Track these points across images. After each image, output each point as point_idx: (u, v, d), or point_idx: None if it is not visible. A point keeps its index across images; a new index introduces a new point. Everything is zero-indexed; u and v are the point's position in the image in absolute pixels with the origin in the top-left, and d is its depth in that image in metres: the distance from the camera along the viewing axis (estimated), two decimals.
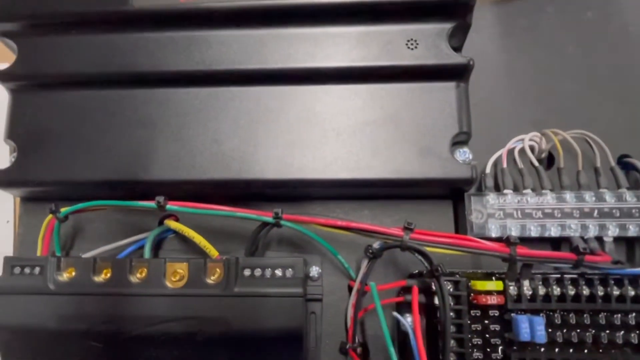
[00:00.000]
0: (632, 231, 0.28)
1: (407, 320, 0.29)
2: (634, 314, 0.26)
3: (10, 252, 0.32)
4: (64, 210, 0.28)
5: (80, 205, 0.28)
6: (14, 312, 0.26)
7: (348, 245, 0.30)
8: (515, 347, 0.27)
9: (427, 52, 0.29)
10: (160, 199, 0.27)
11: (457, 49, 0.29)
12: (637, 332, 0.26)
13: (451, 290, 0.27)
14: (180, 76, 0.29)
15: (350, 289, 0.29)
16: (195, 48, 0.29)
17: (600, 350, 0.26)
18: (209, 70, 0.29)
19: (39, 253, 0.29)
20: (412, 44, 0.29)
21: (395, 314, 0.27)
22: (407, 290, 0.29)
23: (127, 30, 0.30)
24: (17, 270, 0.27)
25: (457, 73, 0.29)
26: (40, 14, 0.30)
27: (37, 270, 0.27)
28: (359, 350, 0.28)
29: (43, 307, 0.26)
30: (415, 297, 0.26)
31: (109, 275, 0.27)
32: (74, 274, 0.27)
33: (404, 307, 0.29)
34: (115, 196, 0.28)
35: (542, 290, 0.26)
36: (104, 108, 0.30)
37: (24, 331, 0.27)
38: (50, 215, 0.28)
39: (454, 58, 0.28)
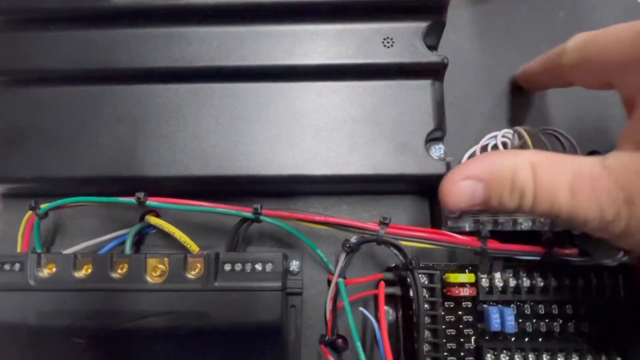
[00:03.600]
0: None
1: (387, 312, 0.30)
2: (599, 305, 0.28)
3: None
4: (43, 206, 0.28)
5: (60, 202, 0.28)
6: None
7: (327, 239, 0.30)
8: (487, 337, 0.28)
9: (403, 51, 0.29)
10: (140, 194, 0.27)
11: (433, 47, 0.30)
12: (602, 321, 0.28)
13: (425, 282, 0.28)
14: (159, 72, 0.30)
15: (329, 282, 0.30)
16: (174, 45, 0.29)
17: (568, 340, 0.28)
18: (189, 66, 0.29)
19: (19, 250, 0.29)
20: (388, 42, 0.29)
21: (361, 309, 0.28)
22: (386, 282, 0.30)
23: (107, 26, 0.30)
24: None
25: (433, 71, 0.29)
26: (17, 9, 0.30)
27: (17, 266, 0.27)
28: (339, 342, 0.29)
29: (23, 303, 0.27)
30: (382, 292, 0.27)
31: (89, 271, 0.27)
32: (54, 269, 0.27)
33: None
34: (95, 192, 0.28)
35: (512, 282, 0.28)
36: (83, 104, 0.30)
37: (4, 328, 0.27)
38: (30, 212, 0.28)
39: (429, 56, 0.29)
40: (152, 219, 0.29)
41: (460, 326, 0.28)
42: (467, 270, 0.28)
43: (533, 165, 0.23)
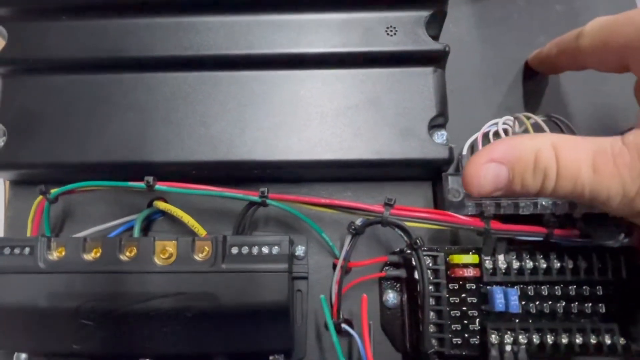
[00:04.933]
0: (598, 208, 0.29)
1: (389, 297, 0.30)
2: (600, 286, 0.28)
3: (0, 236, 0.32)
4: (53, 191, 0.28)
5: (70, 186, 0.28)
6: (4, 292, 0.27)
7: (332, 224, 0.31)
8: (491, 318, 0.28)
9: (405, 39, 0.30)
10: (150, 179, 0.27)
11: (435, 37, 0.31)
12: (604, 302, 0.28)
13: (430, 264, 0.28)
14: (168, 61, 0.30)
15: (334, 266, 0.30)
16: (183, 34, 0.30)
17: (571, 320, 0.28)
18: (197, 55, 0.30)
19: (28, 234, 0.29)
20: (391, 31, 0.30)
21: (344, 326, 0.28)
22: (390, 265, 0.30)
23: (117, 15, 0.30)
24: (7, 250, 0.27)
25: (434, 59, 0.30)
26: None
27: (27, 250, 0.27)
28: (343, 325, 0.29)
29: (33, 286, 0.27)
30: (365, 306, 0.26)
31: (98, 254, 0.27)
32: (64, 253, 0.27)
33: (386, 282, 0.31)
34: (104, 178, 0.28)
35: (516, 264, 0.28)
36: (94, 92, 0.30)
37: (14, 310, 0.27)
38: (40, 197, 0.29)
39: (431, 44, 0.30)
40: (161, 204, 0.30)
41: (465, 307, 0.28)
42: (470, 252, 0.28)
43: (554, 145, 0.23)
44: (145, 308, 0.27)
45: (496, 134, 0.31)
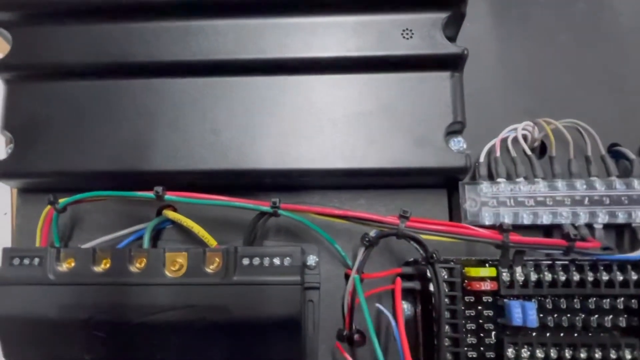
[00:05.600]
0: (621, 218, 0.28)
1: (406, 312, 0.30)
2: (622, 299, 0.27)
3: (8, 244, 0.32)
4: (62, 201, 0.28)
5: (78, 196, 0.28)
6: (14, 303, 0.27)
7: (345, 234, 0.30)
8: (508, 332, 0.27)
9: (422, 42, 0.29)
10: (159, 189, 0.27)
11: (452, 38, 0.30)
12: (625, 316, 0.27)
13: (445, 277, 0.27)
14: (177, 66, 0.29)
15: (347, 277, 0.29)
16: (191, 38, 0.29)
17: (590, 334, 0.27)
18: (206, 60, 0.29)
19: (37, 244, 0.29)
20: (407, 34, 0.29)
21: (378, 305, 0.27)
22: (403, 277, 0.29)
23: (123, 20, 0.30)
24: (16, 261, 0.27)
25: (452, 63, 0.29)
26: (34, 4, 0.30)
27: (36, 261, 0.27)
28: (356, 337, 0.29)
29: (43, 298, 0.27)
30: (399, 288, 0.26)
31: (108, 265, 0.27)
32: (73, 264, 0.27)
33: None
34: (113, 187, 0.28)
35: (534, 277, 0.27)
36: (101, 98, 0.30)
37: (24, 321, 0.27)
38: (49, 206, 0.28)
39: (448, 48, 0.29)
40: (170, 214, 0.29)
41: (481, 321, 0.27)
42: (487, 265, 0.27)
43: None
44: (156, 320, 0.26)
45: (515, 140, 0.30)
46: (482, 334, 0.27)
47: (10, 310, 0.27)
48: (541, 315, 0.27)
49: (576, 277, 0.27)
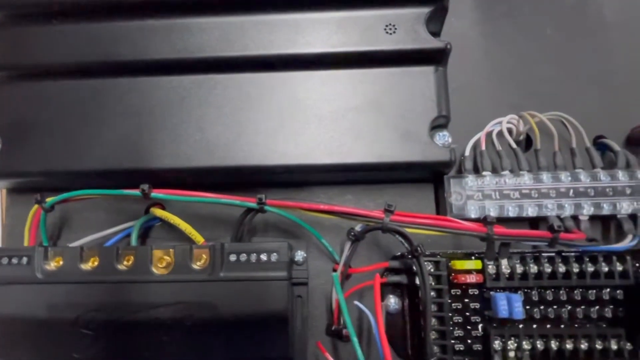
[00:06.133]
0: (606, 210, 0.29)
1: (390, 303, 0.30)
2: (607, 290, 0.27)
3: None
4: (49, 200, 0.28)
5: (65, 195, 0.28)
6: (2, 302, 0.27)
7: (332, 229, 0.30)
8: (494, 324, 0.27)
9: (405, 37, 0.29)
10: (145, 186, 0.27)
11: (436, 33, 0.30)
12: (611, 307, 0.28)
13: (432, 270, 0.27)
14: (162, 64, 0.30)
15: (335, 272, 0.29)
16: (176, 36, 0.29)
17: (576, 325, 0.28)
18: (191, 58, 0.29)
19: (26, 244, 0.29)
20: (390, 29, 0.29)
21: (356, 303, 0.27)
22: (391, 271, 0.30)
23: (109, 19, 0.30)
24: (4, 260, 0.27)
25: (435, 57, 0.29)
26: (20, 4, 0.30)
27: (24, 260, 0.27)
28: (345, 331, 0.29)
29: (31, 297, 0.27)
30: (377, 285, 0.26)
31: (96, 263, 0.27)
32: (61, 262, 0.27)
33: (386, 288, 0.30)
34: (101, 185, 0.28)
35: (519, 269, 0.27)
36: (87, 98, 0.30)
37: (12, 321, 0.27)
38: (36, 206, 0.28)
39: (431, 42, 0.29)
40: (157, 211, 0.29)
41: (467, 313, 0.28)
42: (473, 257, 0.28)
43: None
44: (144, 317, 0.27)
45: (500, 134, 0.30)
46: (468, 327, 0.27)
47: None
48: (527, 307, 0.27)
49: (562, 268, 0.27)
